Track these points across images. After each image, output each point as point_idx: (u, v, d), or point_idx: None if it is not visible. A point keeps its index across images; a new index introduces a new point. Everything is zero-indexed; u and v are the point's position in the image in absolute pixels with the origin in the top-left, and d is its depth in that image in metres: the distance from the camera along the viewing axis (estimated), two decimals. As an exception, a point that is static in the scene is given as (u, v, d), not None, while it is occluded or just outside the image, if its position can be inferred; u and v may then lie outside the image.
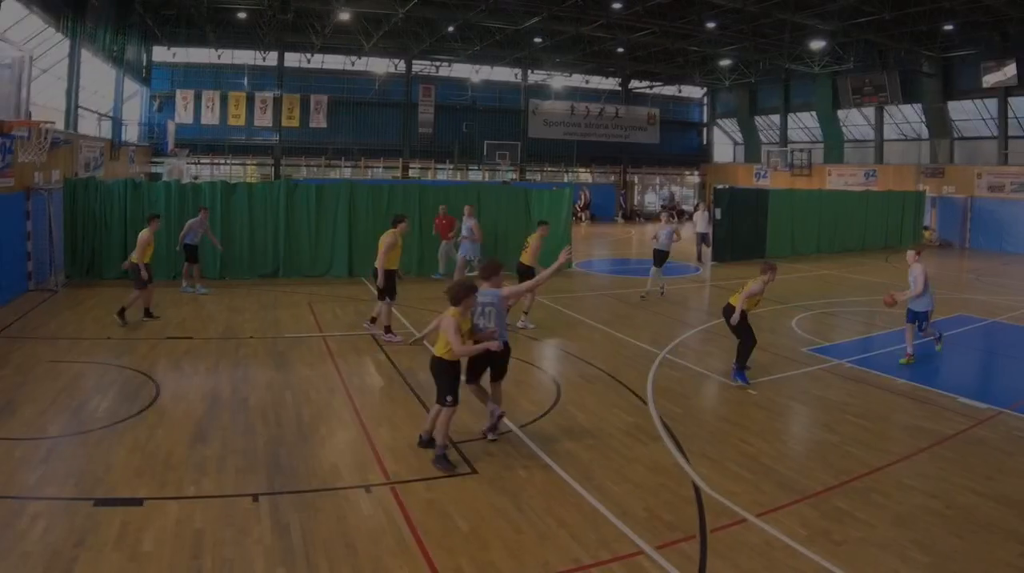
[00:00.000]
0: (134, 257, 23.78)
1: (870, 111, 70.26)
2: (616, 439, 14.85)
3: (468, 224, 30.94)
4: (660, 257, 30.25)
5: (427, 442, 14.17)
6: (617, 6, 52.98)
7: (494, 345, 13.60)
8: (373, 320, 23.01)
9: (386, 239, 21.90)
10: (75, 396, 16.61)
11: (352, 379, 18.52)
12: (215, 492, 11.97)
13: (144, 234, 24.02)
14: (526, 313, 24.46)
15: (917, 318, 20.80)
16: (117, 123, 53.63)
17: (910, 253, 21.25)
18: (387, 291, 22.01)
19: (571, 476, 12.91)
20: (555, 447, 14.34)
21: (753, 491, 12.46)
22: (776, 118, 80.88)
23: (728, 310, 18.90)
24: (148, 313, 24.29)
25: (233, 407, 16.20)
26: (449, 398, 13.51)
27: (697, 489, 12.49)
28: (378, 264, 21.93)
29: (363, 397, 17.26)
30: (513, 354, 19.42)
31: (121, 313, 23.56)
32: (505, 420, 15.57)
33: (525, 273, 23.95)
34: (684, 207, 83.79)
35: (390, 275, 21.92)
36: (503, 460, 13.65)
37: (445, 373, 13.66)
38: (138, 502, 11.39)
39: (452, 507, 11.68)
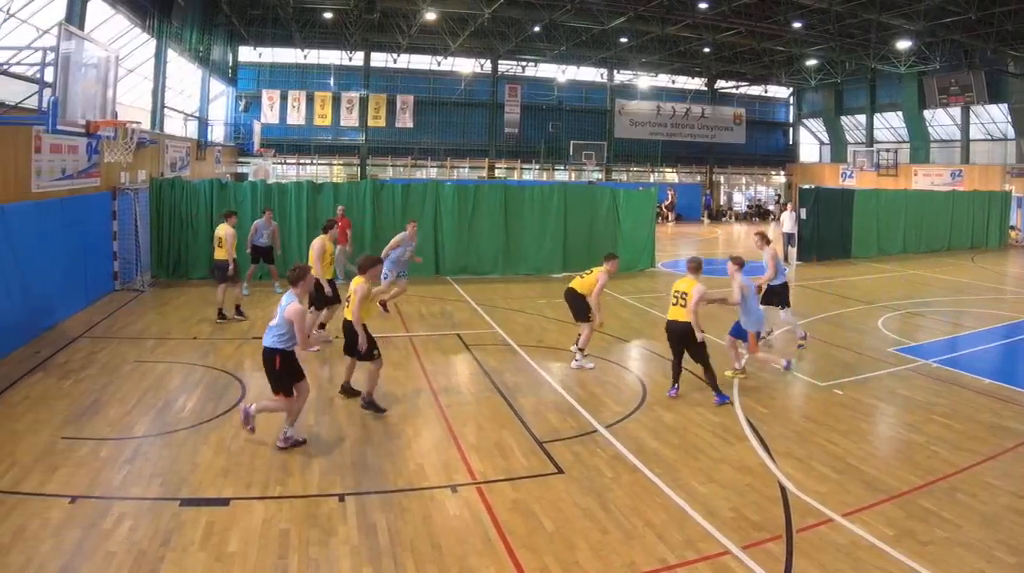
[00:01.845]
0: (223, 254, 23.98)
1: (956, 111, 69.36)
2: (702, 439, 14.81)
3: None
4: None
5: (348, 389, 17.00)
6: (703, 6, 52.81)
7: (361, 341, 15.59)
8: (322, 326, 21.82)
9: (315, 245, 21.12)
10: (160, 396, 16.83)
11: (438, 379, 18.58)
12: (301, 492, 12.09)
13: (229, 231, 24.24)
14: (581, 350, 20.31)
15: (741, 333, 19.22)
16: (203, 123, 54.26)
17: (730, 263, 19.32)
18: (322, 301, 21.06)
19: (657, 476, 12.89)
20: (641, 447, 14.31)
21: (839, 491, 12.39)
22: (862, 118, 79.99)
23: (679, 327, 17.35)
24: (221, 314, 24.31)
25: (318, 407, 16.32)
26: (376, 352, 15.97)
27: (783, 489, 12.43)
28: (314, 273, 20.03)
29: (449, 397, 17.29)
30: (599, 355, 19.40)
31: (220, 314, 23.96)
32: (591, 420, 15.68)
33: (574, 301, 20.47)
34: (769, 207, 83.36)
35: (320, 284, 20.59)
36: (589, 460, 13.63)
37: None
38: (224, 502, 11.53)
39: (538, 507, 11.69)
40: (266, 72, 71.15)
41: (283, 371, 13.75)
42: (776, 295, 21.66)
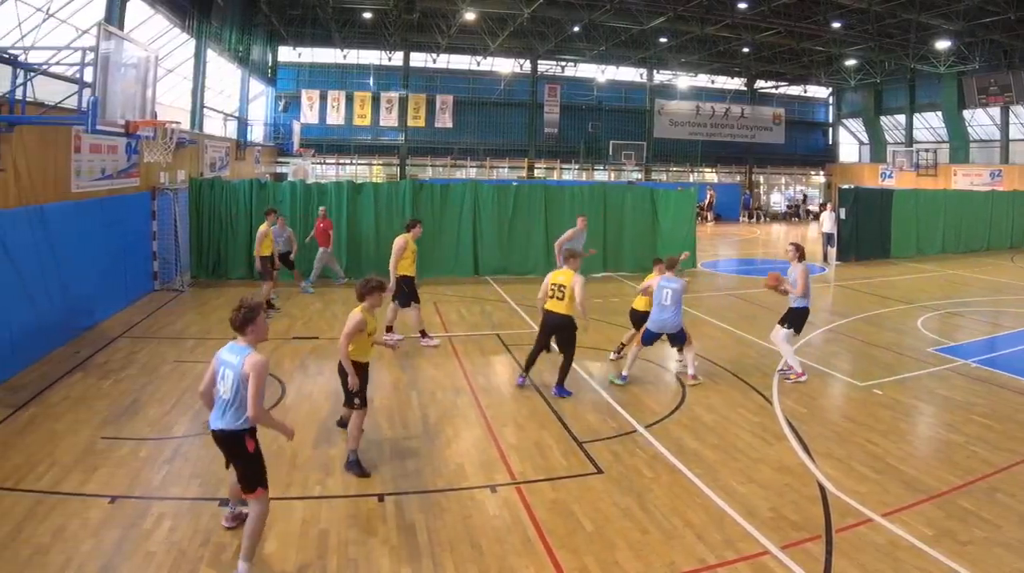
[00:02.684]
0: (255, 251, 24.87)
1: (995, 111, 68.98)
2: (741, 439, 14.78)
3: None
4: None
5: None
6: (743, 6, 52.86)
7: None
8: (423, 333, 21.90)
9: (397, 243, 21.13)
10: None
11: (477, 379, 18.59)
12: (340, 492, 12.13)
13: (262, 228, 25.00)
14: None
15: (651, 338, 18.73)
16: (242, 123, 54.54)
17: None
18: (405, 297, 21.19)
19: (696, 476, 12.89)
20: (680, 447, 14.29)
21: (878, 491, 12.35)
22: (901, 118, 79.59)
23: (556, 319, 17.28)
24: (269, 304, 25.00)
25: (358, 407, 16.28)
26: (357, 401, 13.08)
27: (823, 489, 12.41)
28: (391, 270, 20.96)
29: (488, 397, 17.30)
30: (641, 356, 19.28)
31: (268, 304, 24.58)
32: (631, 420, 15.70)
33: (639, 321, 19.83)
34: (810, 207, 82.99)
35: (406, 281, 20.95)
36: (628, 460, 13.62)
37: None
38: (263, 502, 11.56)
39: (577, 507, 11.70)
40: (305, 72, 71.56)
41: (258, 455, 10.06)
42: (794, 318, 19.69)
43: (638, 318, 19.75)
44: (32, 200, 19.70)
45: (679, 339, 18.64)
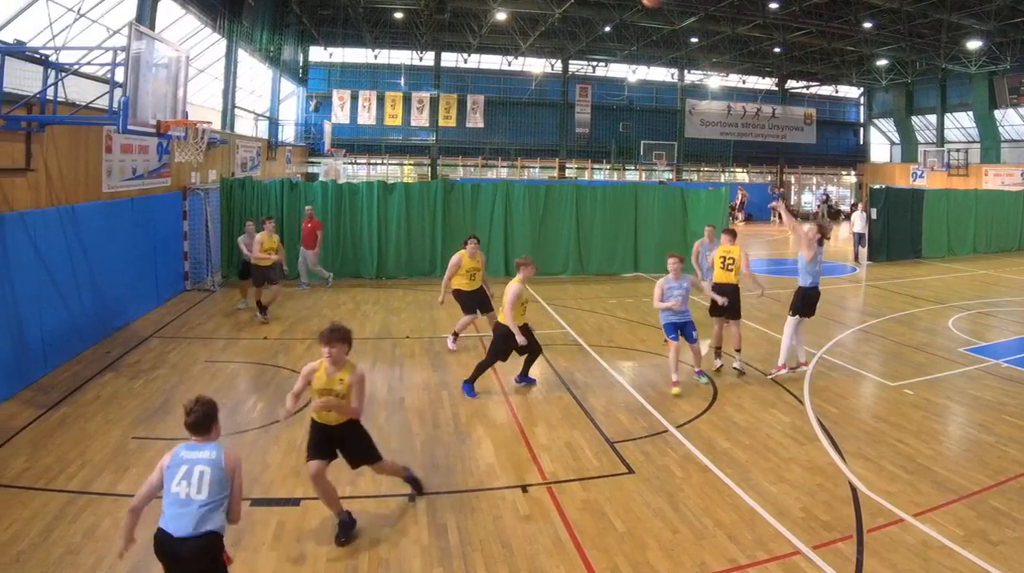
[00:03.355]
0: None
1: (1026, 111, 68.55)
2: (773, 439, 14.70)
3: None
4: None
5: (411, 479, 11.88)
6: (774, 6, 52.81)
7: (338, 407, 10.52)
8: (455, 334, 22.02)
9: (451, 260, 21.17)
10: (231, 396, 16.90)
11: (508, 379, 18.47)
12: (371, 492, 12.11)
13: (258, 235, 24.76)
14: (738, 350, 19.86)
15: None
16: (274, 123, 54.70)
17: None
18: (466, 306, 21.27)
19: (728, 476, 12.82)
20: (712, 447, 14.23)
21: (910, 491, 12.26)
22: (933, 118, 79.11)
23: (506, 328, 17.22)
24: (260, 307, 24.76)
25: (389, 407, 16.32)
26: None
27: (854, 489, 12.33)
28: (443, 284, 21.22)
29: (519, 397, 17.30)
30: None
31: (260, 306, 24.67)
32: (662, 420, 15.65)
33: (717, 312, 20.08)
34: (841, 207, 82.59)
35: (458, 295, 21.06)
36: (659, 460, 13.55)
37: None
38: (295, 502, 11.58)
39: (608, 507, 11.65)
40: (336, 72, 71.85)
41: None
42: (796, 300, 19.29)
43: (716, 310, 19.92)
44: (63, 200, 19.77)
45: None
